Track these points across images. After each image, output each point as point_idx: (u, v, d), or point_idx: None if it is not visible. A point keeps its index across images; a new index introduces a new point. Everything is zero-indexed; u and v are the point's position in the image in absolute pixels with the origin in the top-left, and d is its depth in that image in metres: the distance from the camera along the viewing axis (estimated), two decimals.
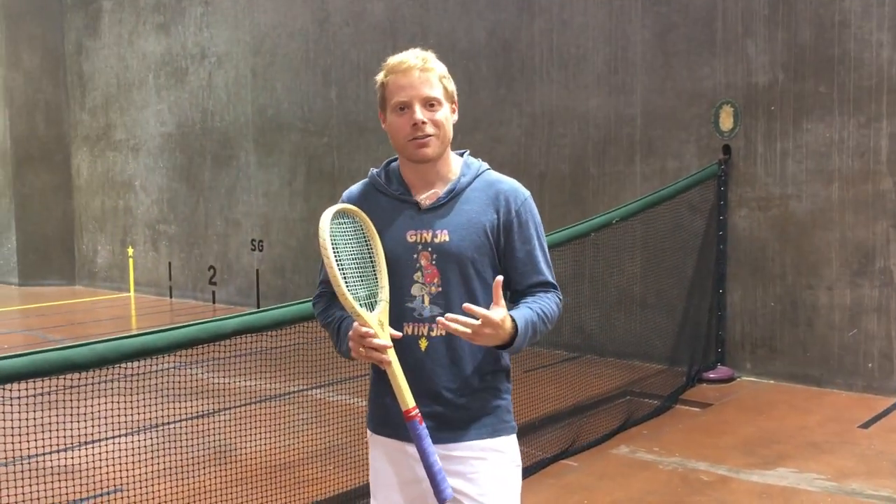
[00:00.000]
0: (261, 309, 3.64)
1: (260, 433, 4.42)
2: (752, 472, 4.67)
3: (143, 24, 12.48)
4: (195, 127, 11.84)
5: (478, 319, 1.89)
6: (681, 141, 7.15)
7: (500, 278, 1.96)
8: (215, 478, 4.18)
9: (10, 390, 2.83)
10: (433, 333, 2.07)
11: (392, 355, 1.97)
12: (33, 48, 13.79)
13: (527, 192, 2.17)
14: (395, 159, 2.22)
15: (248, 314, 3.47)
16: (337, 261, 1.97)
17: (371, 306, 2.02)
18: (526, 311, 2.05)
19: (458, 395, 2.08)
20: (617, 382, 6.37)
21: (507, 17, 8.26)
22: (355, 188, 2.25)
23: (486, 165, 2.22)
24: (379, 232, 2.10)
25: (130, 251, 12.84)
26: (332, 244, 1.98)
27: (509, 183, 2.17)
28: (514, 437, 2.18)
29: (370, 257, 2.08)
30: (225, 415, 5.51)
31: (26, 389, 2.95)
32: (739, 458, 4.88)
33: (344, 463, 4.40)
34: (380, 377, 2.13)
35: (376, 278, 2.07)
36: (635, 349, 7.14)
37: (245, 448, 4.70)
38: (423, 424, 1.96)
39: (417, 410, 1.96)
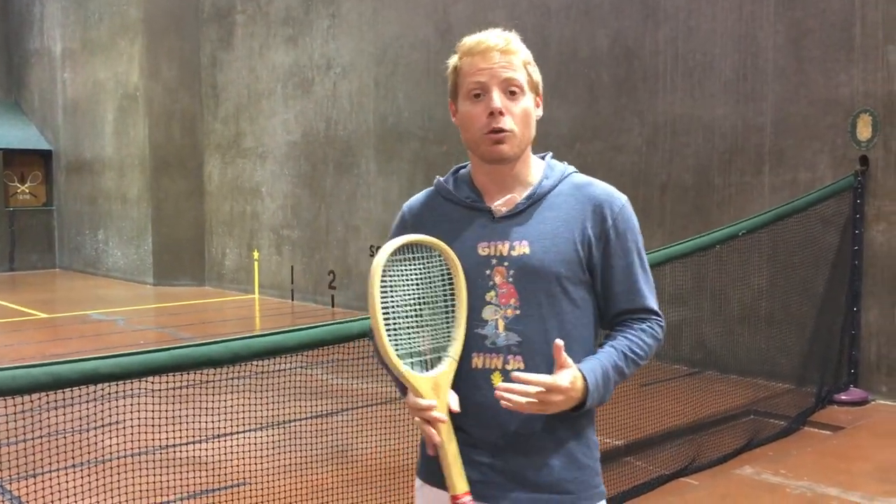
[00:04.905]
0: None
1: (378, 435, 4.50)
2: (889, 500, 4.40)
3: (273, 36, 12.98)
4: (319, 135, 12.21)
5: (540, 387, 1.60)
6: (814, 151, 6.84)
7: (559, 342, 1.64)
8: (335, 476, 4.29)
9: (152, 383, 3.00)
10: (509, 367, 1.70)
11: (446, 432, 1.64)
12: (171, 61, 14.57)
13: (624, 198, 1.81)
14: (465, 166, 1.92)
15: None
16: (391, 306, 1.65)
17: (429, 364, 1.67)
18: (603, 359, 1.73)
19: (539, 449, 1.71)
20: (740, 400, 6.14)
21: (631, 24, 8.13)
22: (418, 199, 1.91)
23: (572, 168, 1.87)
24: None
25: (256, 255, 13.35)
26: (389, 287, 1.65)
27: (602, 186, 1.82)
28: None
29: (444, 301, 1.72)
30: (345, 415, 5.64)
31: (160, 383, 3.11)
32: (874, 486, 4.61)
33: None
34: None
35: (448, 328, 1.71)
36: (760, 367, 6.87)
37: (364, 449, 4.80)
38: None
39: (470, 497, 1.64)
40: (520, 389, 1.59)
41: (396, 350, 1.64)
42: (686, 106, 7.71)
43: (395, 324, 1.65)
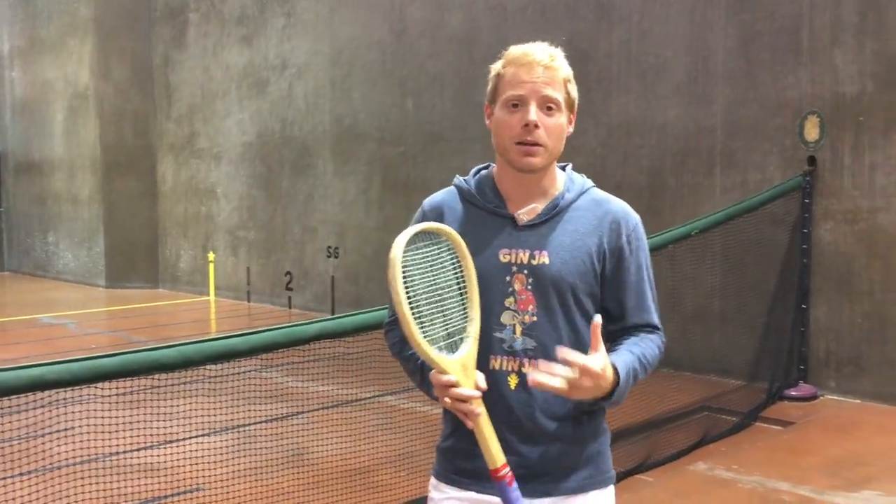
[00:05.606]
0: (340, 315, 3.70)
1: (335, 437, 4.48)
2: (837, 493, 4.51)
3: (227, 36, 12.84)
4: (275, 136, 12.11)
5: (574, 370, 1.63)
6: (764, 152, 6.98)
7: (598, 319, 1.69)
8: (291, 480, 4.25)
9: (101, 388, 2.95)
10: (525, 370, 1.79)
11: (480, 406, 1.69)
12: (123, 60, 14.33)
13: (637, 217, 1.93)
14: (486, 167, 1.97)
15: (327, 320, 3.53)
16: (411, 295, 1.67)
17: (452, 346, 1.72)
18: (627, 356, 1.79)
19: (553, 442, 1.81)
20: (694, 397, 6.24)
21: (586, 26, 8.21)
22: (439, 197, 1.95)
23: (590, 182, 1.96)
24: None
25: (211, 256, 13.19)
26: (406, 276, 1.67)
27: (619, 204, 1.92)
28: (612, 490, 1.92)
29: (458, 284, 1.76)
30: (301, 418, 5.60)
31: (114, 388, 3.06)
32: (823, 480, 4.72)
33: (416, 470, 4.41)
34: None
35: (464, 310, 1.76)
36: (713, 364, 6.98)
37: (320, 451, 4.77)
38: (515, 486, 1.68)
39: (508, 469, 1.68)
40: (560, 373, 1.63)
41: (424, 337, 1.67)
42: (639, 108, 7.80)
43: (418, 312, 1.68)
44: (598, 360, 1.65)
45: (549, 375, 1.63)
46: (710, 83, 7.30)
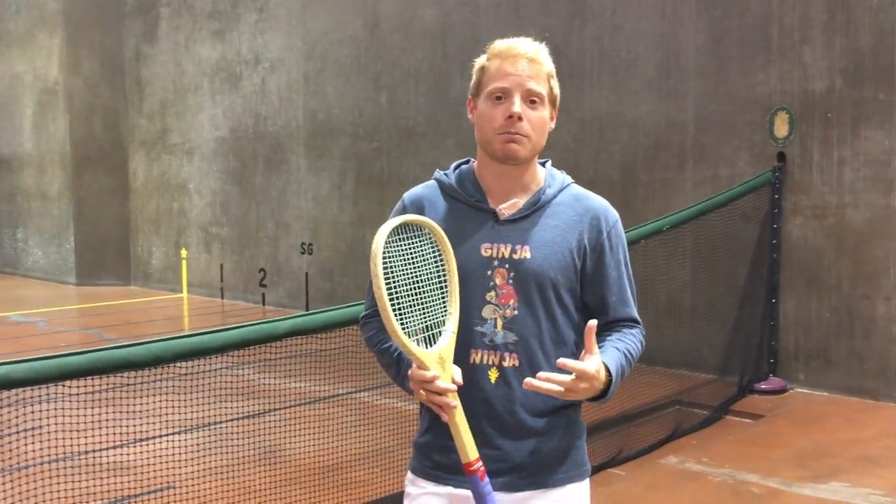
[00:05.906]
0: (312, 311, 3.69)
1: (308, 434, 4.46)
2: (805, 485, 4.57)
3: (199, 30, 12.72)
4: (248, 131, 12.03)
5: (571, 374, 1.65)
6: (734, 148, 7.04)
7: (593, 323, 1.71)
8: (264, 477, 4.24)
9: (69, 387, 2.91)
10: (506, 364, 1.80)
11: (455, 399, 1.69)
12: (93, 54, 14.15)
13: (616, 213, 1.94)
14: (466, 162, 1.97)
15: (299, 316, 3.51)
16: (393, 287, 1.67)
17: (431, 339, 1.72)
18: (614, 353, 1.80)
19: (532, 436, 1.83)
20: (665, 392, 6.29)
21: (559, 22, 8.23)
22: (419, 190, 1.94)
23: (570, 178, 1.98)
24: None
25: (184, 253, 13.08)
26: (387, 268, 1.67)
27: (599, 200, 1.93)
28: (588, 483, 1.93)
29: (438, 277, 1.76)
30: (274, 415, 5.58)
31: (83, 387, 3.03)
32: (791, 472, 4.78)
33: (391, 466, 4.42)
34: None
35: (444, 303, 1.76)
36: (685, 358, 7.04)
37: (293, 449, 4.75)
38: (487, 480, 1.68)
39: (481, 463, 1.69)
40: (557, 379, 1.66)
41: (403, 329, 1.67)
42: (612, 103, 7.84)
43: (398, 303, 1.68)
44: (593, 363, 1.69)
45: (547, 382, 1.65)
46: (681, 79, 7.36)
